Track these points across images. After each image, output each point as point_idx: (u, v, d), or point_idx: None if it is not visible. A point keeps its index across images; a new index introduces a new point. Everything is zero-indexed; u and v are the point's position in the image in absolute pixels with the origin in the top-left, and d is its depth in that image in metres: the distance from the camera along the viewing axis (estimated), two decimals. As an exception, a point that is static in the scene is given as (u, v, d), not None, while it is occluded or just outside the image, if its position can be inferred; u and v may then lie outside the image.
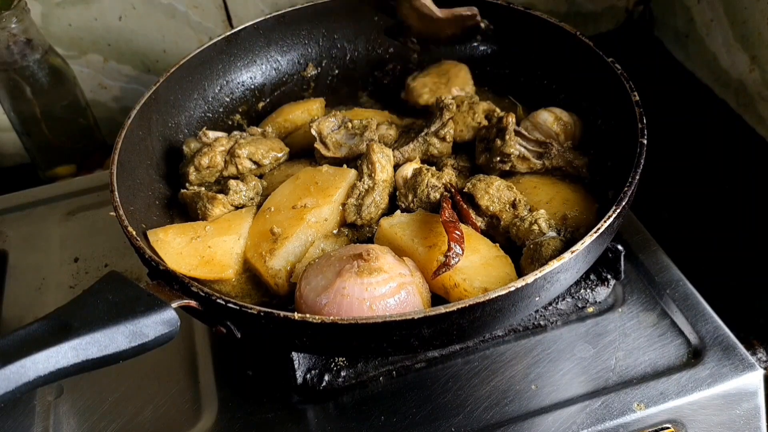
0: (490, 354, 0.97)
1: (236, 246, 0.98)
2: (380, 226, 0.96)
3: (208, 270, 0.95)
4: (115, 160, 0.98)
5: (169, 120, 1.15)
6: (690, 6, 1.47)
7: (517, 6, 1.19)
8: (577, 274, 0.87)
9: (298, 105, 1.22)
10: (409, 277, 0.86)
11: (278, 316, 0.77)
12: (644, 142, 0.92)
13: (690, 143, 1.36)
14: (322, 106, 1.22)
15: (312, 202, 1.00)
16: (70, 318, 0.74)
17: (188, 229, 0.99)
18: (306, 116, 1.20)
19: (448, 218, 0.91)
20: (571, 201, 0.98)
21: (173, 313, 0.77)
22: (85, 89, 1.42)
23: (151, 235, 0.96)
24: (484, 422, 0.89)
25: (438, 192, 0.98)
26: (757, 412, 0.93)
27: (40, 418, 0.96)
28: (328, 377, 0.94)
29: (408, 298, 0.84)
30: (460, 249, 0.86)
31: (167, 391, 0.97)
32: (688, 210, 1.25)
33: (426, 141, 1.07)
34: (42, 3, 1.35)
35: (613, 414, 0.89)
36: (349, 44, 1.31)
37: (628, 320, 0.99)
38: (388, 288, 0.83)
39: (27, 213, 1.28)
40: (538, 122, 1.06)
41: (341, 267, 0.85)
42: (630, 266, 1.05)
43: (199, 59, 1.19)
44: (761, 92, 1.32)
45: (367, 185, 1.01)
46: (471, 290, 0.85)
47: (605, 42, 1.08)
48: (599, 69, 1.06)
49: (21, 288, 1.15)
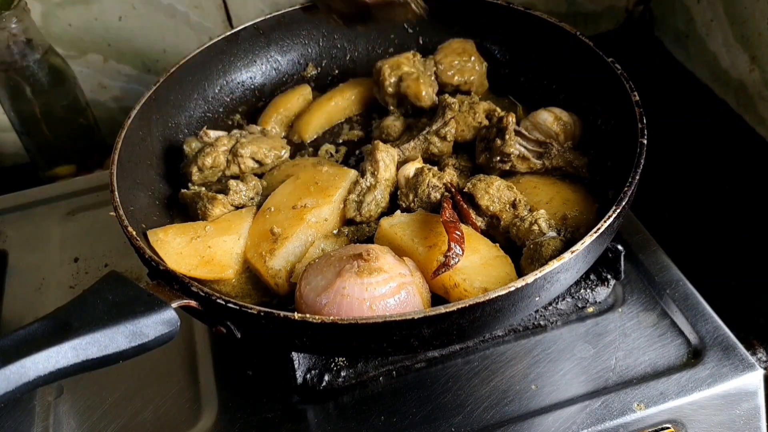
0: (490, 354, 0.97)
1: (236, 246, 0.98)
2: (380, 225, 0.96)
3: (208, 270, 0.95)
4: (115, 160, 0.98)
5: (169, 120, 1.15)
6: (690, 6, 1.47)
7: (517, 6, 1.19)
8: (577, 274, 0.87)
9: (290, 93, 1.24)
10: (409, 277, 0.86)
11: (278, 316, 0.77)
12: (644, 142, 0.92)
13: (690, 143, 1.35)
14: (310, 91, 1.25)
15: (312, 202, 1.00)
16: (70, 318, 0.74)
17: (188, 229, 0.99)
18: (302, 102, 1.23)
19: (448, 218, 0.91)
20: (571, 201, 0.98)
21: (173, 313, 0.77)
22: (85, 89, 1.41)
23: (151, 235, 0.96)
24: (484, 422, 0.89)
25: (439, 192, 0.98)
26: (757, 412, 0.93)
27: (40, 418, 0.96)
28: (328, 377, 0.94)
29: (408, 298, 0.84)
30: (460, 249, 0.86)
31: (167, 391, 0.97)
32: (688, 210, 1.25)
33: (427, 139, 1.08)
34: (42, 3, 1.35)
35: (613, 414, 0.89)
36: (349, 44, 1.31)
37: (628, 320, 0.99)
38: (388, 288, 0.83)
39: (27, 213, 1.28)
40: (537, 122, 1.06)
41: (341, 267, 0.85)
42: (630, 266, 1.05)
43: (199, 59, 1.19)
44: (761, 92, 1.32)
45: (370, 183, 1.01)
46: (471, 290, 0.85)
47: (605, 42, 1.08)
48: (599, 69, 1.06)
49: (21, 288, 1.15)
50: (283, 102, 1.23)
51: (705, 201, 1.25)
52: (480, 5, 1.21)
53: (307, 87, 1.26)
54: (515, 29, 1.20)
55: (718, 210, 1.24)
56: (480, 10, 1.22)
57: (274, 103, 1.24)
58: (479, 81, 1.21)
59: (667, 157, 1.28)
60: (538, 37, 1.17)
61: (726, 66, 1.40)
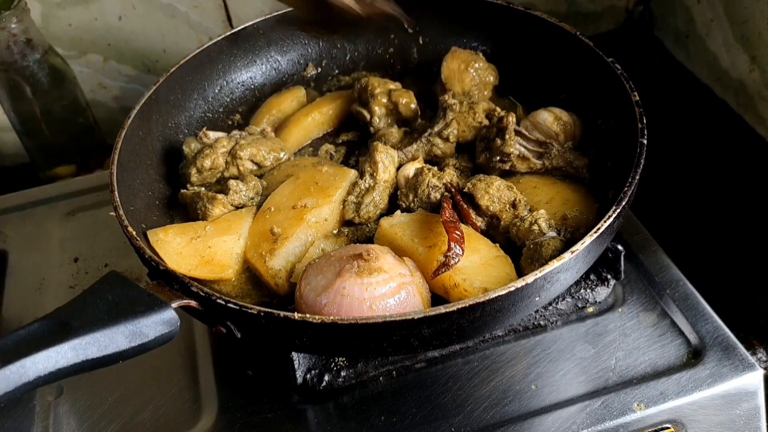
0: (490, 354, 0.97)
1: (236, 246, 0.98)
2: (380, 226, 0.96)
3: (208, 270, 0.95)
4: (115, 160, 0.98)
5: (169, 120, 1.15)
6: (690, 6, 1.47)
7: (517, 6, 1.19)
8: (577, 274, 0.87)
9: (284, 95, 1.24)
10: (409, 277, 0.86)
11: (278, 316, 0.77)
12: (644, 142, 0.92)
13: (690, 143, 1.35)
14: (304, 93, 1.25)
15: (312, 202, 1.00)
16: (70, 318, 0.74)
17: (188, 229, 0.99)
18: (296, 104, 1.22)
19: (448, 218, 0.91)
20: (571, 201, 0.98)
21: (173, 313, 0.77)
22: (85, 89, 1.42)
23: (151, 235, 0.96)
24: (484, 422, 0.89)
25: (438, 192, 0.98)
26: (757, 412, 0.93)
27: (40, 418, 0.96)
28: (328, 377, 0.94)
29: (408, 298, 0.84)
30: (460, 249, 0.86)
31: (167, 391, 0.97)
32: (688, 210, 1.25)
33: (429, 141, 1.08)
34: (42, 3, 1.35)
35: (613, 414, 0.89)
36: (349, 44, 1.31)
37: (628, 320, 0.99)
38: (388, 288, 0.83)
39: (27, 213, 1.28)
40: (537, 122, 1.06)
41: (341, 267, 0.85)
42: (630, 266, 1.05)
43: (199, 59, 1.19)
44: (761, 92, 1.32)
45: (368, 184, 1.01)
46: (471, 290, 0.85)
47: (605, 42, 1.08)
48: (599, 69, 1.05)
49: (21, 288, 1.15)
50: (276, 103, 1.23)
51: (705, 201, 1.25)
52: (480, 5, 1.21)
53: (302, 89, 1.26)
54: (515, 29, 1.20)
55: (718, 210, 1.24)
56: (480, 10, 1.22)
57: (267, 104, 1.24)
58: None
59: (667, 157, 1.28)
60: (538, 37, 1.17)
61: (726, 66, 1.40)
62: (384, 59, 1.30)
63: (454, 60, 1.19)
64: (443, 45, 1.25)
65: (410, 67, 1.29)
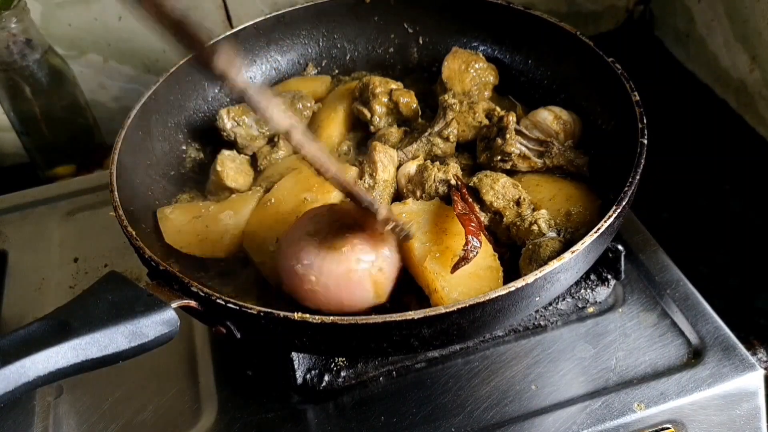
0: (490, 354, 0.97)
1: (234, 229, 1.00)
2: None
3: (201, 248, 0.98)
4: (115, 160, 0.98)
5: (169, 120, 1.15)
6: (690, 6, 1.47)
7: (517, 6, 1.19)
8: (578, 274, 0.87)
9: (306, 80, 1.26)
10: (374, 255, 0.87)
11: (278, 316, 0.77)
12: (644, 142, 0.92)
13: (690, 143, 1.35)
14: (328, 83, 1.25)
15: (312, 197, 1.00)
16: (70, 318, 0.74)
17: (192, 209, 1.03)
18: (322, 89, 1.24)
19: (461, 211, 0.91)
20: (574, 197, 0.98)
21: (173, 313, 0.77)
22: (85, 89, 1.41)
23: (159, 213, 1.01)
24: (484, 422, 0.89)
25: (446, 185, 0.98)
26: (757, 412, 0.93)
27: (40, 418, 0.96)
28: (328, 377, 0.94)
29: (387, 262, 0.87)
30: (477, 242, 0.85)
31: (167, 391, 0.97)
32: (688, 210, 1.25)
33: (429, 141, 1.08)
34: (42, 3, 1.35)
35: (613, 414, 0.89)
36: (349, 44, 1.31)
37: (628, 320, 0.99)
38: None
39: (27, 213, 1.28)
40: (537, 121, 1.06)
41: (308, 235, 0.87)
42: (630, 266, 1.05)
43: (199, 59, 1.19)
44: (761, 92, 1.32)
45: (368, 184, 1.01)
46: (446, 300, 0.84)
47: (605, 42, 1.07)
48: (599, 69, 1.05)
49: (21, 288, 1.14)
50: (294, 84, 1.23)
51: (705, 201, 1.25)
52: (480, 5, 1.21)
53: (326, 80, 1.26)
54: (515, 29, 1.20)
55: (718, 210, 1.24)
56: (480, 10, 1.22)
57: (287, 84, 1.24)
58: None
59: (667, 158, 1.28)
60: (538, 37, 1.17)
61: (726, 66, 1.40)
62: (384, 59, 1.30)
63: (455, 60, 1.19)
64: (443, 45, 1.26)
65: (410, 67, 1.29)
